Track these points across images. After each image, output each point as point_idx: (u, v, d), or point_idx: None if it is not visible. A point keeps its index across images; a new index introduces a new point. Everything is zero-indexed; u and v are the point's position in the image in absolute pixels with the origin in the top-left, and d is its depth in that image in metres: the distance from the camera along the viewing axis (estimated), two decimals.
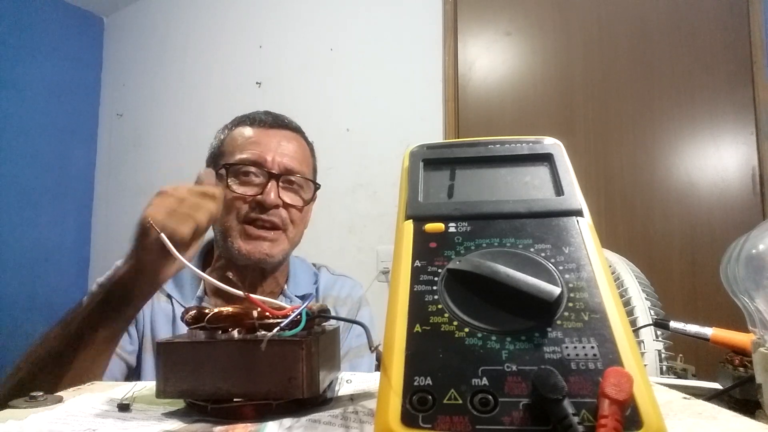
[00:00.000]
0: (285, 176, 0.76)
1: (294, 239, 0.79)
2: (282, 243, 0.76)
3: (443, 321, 0.26)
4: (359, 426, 0.32)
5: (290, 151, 0.78)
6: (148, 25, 2.68)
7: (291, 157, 0.78)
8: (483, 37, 1.80)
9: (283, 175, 0.76)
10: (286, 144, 0.78)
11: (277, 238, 0.75)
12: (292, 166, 0.77)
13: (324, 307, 0.41)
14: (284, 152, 0.77)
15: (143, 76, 2.65)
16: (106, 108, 2.82)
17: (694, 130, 1.50)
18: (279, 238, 0.76)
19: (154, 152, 2.53)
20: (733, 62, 1.48)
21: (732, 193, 1.45)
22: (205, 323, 0.36)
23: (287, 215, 0.76)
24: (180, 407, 0.38)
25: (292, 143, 0.79)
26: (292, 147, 0.79)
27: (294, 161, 0.78)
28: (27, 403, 0.38)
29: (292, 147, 0.79)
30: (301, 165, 0.79)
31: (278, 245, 0.76)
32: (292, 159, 0.78)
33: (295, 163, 0.78)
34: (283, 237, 0.76)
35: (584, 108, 1.64)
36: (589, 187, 1.54)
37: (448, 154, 0.36)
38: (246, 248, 0.74)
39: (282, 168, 0.76)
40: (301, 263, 0.90)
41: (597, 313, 0.25)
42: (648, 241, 1.51)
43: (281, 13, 2.19)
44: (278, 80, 2.16)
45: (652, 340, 0.65)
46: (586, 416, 0.21)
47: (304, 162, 0.80)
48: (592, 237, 0.30)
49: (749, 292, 0.44)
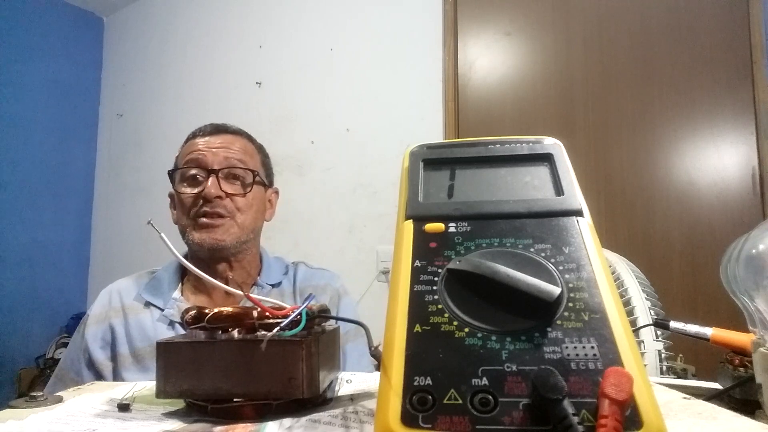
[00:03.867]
0: (224, 170, 0.82)
1: (245, 224, 0.84)
2: (232, 228, 0.82)
3: (443, 321, 0.26)
4: (359, 426, 0.32)
5: (229, 149, 0.84)
6: (148, 25, 2.68)
7: (229, 153, 0.84)
8: (483, 37, 1.80)
9: (222, 169, 0.82)
10: (226, 143, 0.85)
11: (225, 224, 0.81)
12: (230, 161, 0.83)
13: (324, 307, 0.41)
14: (223, 150, 0.84)
15: (143, 76, 2.65)
16: (106, 108, 2.82)
17: (694, 130, 1.50)
18: (227, 224, 0.82)
19: (154, 152, 2.53)
20: (733, 62, 1.48)
21: (732, 193, 1.45)
22: (205, 323, 0.36)
23: (232, 204, 0.82)
24: (180, 407, 0.38)
25: (233, 143, 0.86)
26: (233, 146, 0.85)
27: (233, 155, 0.84)
28: (27, 403, 0.38)
29: (232, 146, 0.85)
30: (241, 158, 0.85)
31: (228, 231, 0.81)
32: (231, 154, 0.84)
33: (233, 157, 0.84)
34: (232, 223, 0.82)
35: (584, 108, 1.64)
36: (589, 187, 1.54)
37: (448, 154, 0.36)
38: (199, 237, 0.80)
39: (220, 163, 0.82)
40: (277, 260, 0.94)
41: (597, 313, 0.25)
42: (648, 241, 1.51)
43: (281, 13, 2.19)
44: (278, 80, 2.16)
45: (652, 340, 0.65)
46: (586, 416, 0.21)
47: (245, 155, 0.86)
48: (592, 237, 0.30)
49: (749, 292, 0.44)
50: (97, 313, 0.83)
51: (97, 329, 0.81)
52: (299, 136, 2.03)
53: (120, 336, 0.80)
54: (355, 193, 1.90)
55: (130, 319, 0.81)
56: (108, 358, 0.79)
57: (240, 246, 0.84)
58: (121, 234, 2.59)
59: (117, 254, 2.60)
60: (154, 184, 2.48)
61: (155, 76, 2.60)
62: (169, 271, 0.87)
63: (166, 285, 0.85)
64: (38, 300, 2.46)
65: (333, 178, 1.95)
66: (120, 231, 2.61)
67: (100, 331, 0.81)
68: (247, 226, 0.84)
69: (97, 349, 0.79)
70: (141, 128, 2.62)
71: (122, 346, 0.79)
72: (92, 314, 0.83)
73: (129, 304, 0.83)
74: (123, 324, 0.80)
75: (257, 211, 0.87)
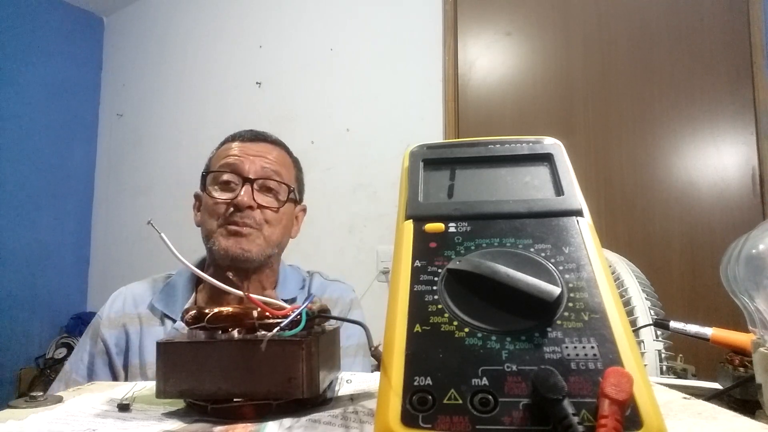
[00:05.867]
0: (259, 180, 0.81)
1: (271, 238, 0.82)
2: (258, 240, 0.80)
3: (443, 321, 0.26)
4: (359, 426, 0.32)
5: (266, 158, 0.83)
6: (148, 25, 2.68)
7: (266, 162, 0.82)
8: (483, 37, 1.80)
9: (257, 180, 0.81)
10: (263, 152, 0.83)
11: (252, 234, 0.80)
12: (267, 171, 0.82)
13: (324, 307, 0.41)
14: (260, 159, 0.82)
15: (143, 76, 2.65)
16: (106, 108, 2.82)
17: (694, 130, 1.50)
18: (254, 235, 0.80)
19: (154, 152, 2.53)
20: (733, 62, 1.48)
21: (732, 193, 1.45)
22: (205, 323, 0.36)
23: (261, 216, 0.80)
24: (180, 407, 0.38)
25: (271, 153, 0.84)
26: (270, 155, 0.84)
27: (269, 166, 0.82)
28: (27, 403, 0.38)
29: (269, 155, 0.84)
30: (278, 171, 0.83)
31: (254, 242, 0.80)
32: (268, 164, 0.82)
33: (270, 168, 0.82)
34: (259, 234, 0.80)
35: (584, 108, 1.64)
36: (589, 187, 1.54)
37: (448, 154, 0.36)
38: (225, 244, 0.78)
39: (256, 173, 0.81)
40: (293, 270, 0.92)
41: (597, 313, 0.25)
42: (648, 241, 1.51)
43: (281, 13, 2.19)
44: (278, 80, 2.16)
45: (652, 340, 0.65)
46: (586, 416, 0.21)
47: (282, 168, 0.84)
48: (592, 237, 0.30)
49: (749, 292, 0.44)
50: (112, 317, 0.81)
51: (114, 333, 0.79)
52: (299, 136, 2.03)
53: (134, 345, 0.78)
54: (355, 193, 1.90)
55: (144, 329, 0.79)
56: (122, 366, 0.78)
57: (264, 260, 0.82)
58: (121, 234, 2.59)
59: (117, 254, 2.60)
60: (154, 184, 2.48)
61: (155, 76, 2.60)
62: (183, 278, 0.85)
63: (180, 293, 0.82)
64: (38, 300, 2.46)
65: (333, 178, 1.95)
66: (120, 231, 2.61)
67: (114, 336, 0.79)
68: (273, 240, 0.82)
69: (114, 355, 0.78)
70: (141, 128, 2.62)
71: (134, 357, 0.78)
72: (105, 317, 0.81)
73: (144, 314, 0.81)
74: (138, 333, 0.79)
75: (285, 226, 0.85)
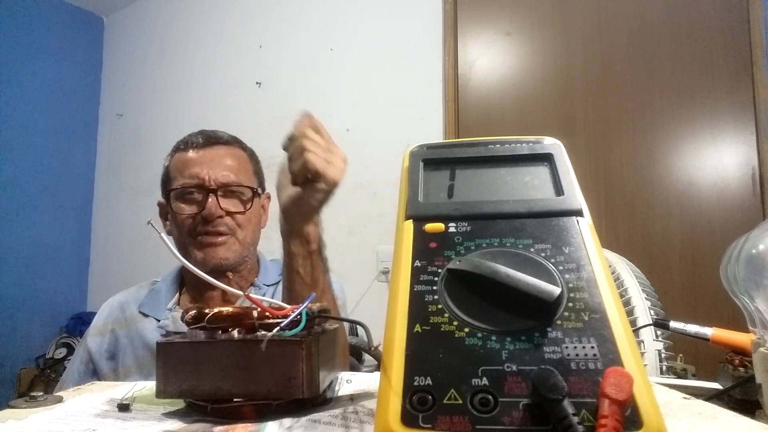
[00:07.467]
0: (222, 188, 0.82)
1: (246, 240, 0.85)
2: (234, 246, 0.83)
3: (443, 321, 0.26)
4: (359, 426, 0.32)
5: (225, 165, 0.84)
6: (148, 25, 2.68)
7: (226, 169, 0.84)
8: (483, 37, 1.80)
9: (220, 188, 0.82)
10: (220, 159, 0.85)
11: (227, 241, 0.82)
12: (228, 179, 0.83)
13: (324, 306, 0.41)
14: (219, 167, 0.83)
15: (143, 76, 2.65)
16: (106, 108, 2.82)
17: (694, 130, 1.50)
18: (229, 242, 0.82)
19: (154, 152, 2.51)
20: (733, 62, 1.48)
21: (732, 193, 1.45)
22: (205, 323, 0.36)
23: (232, 221, 0.83)
24: (180, 407, 0.38)
25: (227, 157, 0.86)
26: (227, 161, 0.85)
27: (229, 172, 0.84)
28: (27, 403, 0.38)
29: (226, 161, 0.85)
30: (238, 174, 0.85)
31: (230, 248, 0.82)
32: (227, 171, 0.84)
33: (230, 174, 0.84)
34: (234, 240, 0.83)
35: (584, 108, 1.64)
36: (589, 187, 1.54)
37: (448, 154, 0.36)
38: (201, 256, 0.80)
39: (218, 182, 0.82)
40: (273, 262, 0.95)
41: (597, 313, 0.25)
42: (648, 241, 1.51)
43: (281, 13, 2.19)
44: (278, 80, 2.16)
45: (652, 340, 0.65)
46: (586, 416, 0.21)
47: (240, 171, 0.86)
48: (592, 237, 0.30)
49: (749, 292, 0.44)
50: (99, 326, 0.84)
51: (101, 341, 0.82)
52: None
53: (124, 346, 0.81)
54: (355, 193, 1.89)
55: (132, 329, 0.82)
56: (112, 370, 0.80)
57: (242, 260, 0.85)
58: (121, 234, 2.59)
59: (117, 254, 2.60)
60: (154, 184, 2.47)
61: (155, 76, 2.59)
62: (167, 282, 0.88)
63: (163, 296, 0.86)
64: (38, 300, 2.45)
65: None
66: (120, 231, 2.61)
67: (104, 343, 0.82)
68: (248, 241, 0.85)
69: (102, 360, 0.81)
70: (141, 128, 2.62)
71: (127, 358, 0.80)
72: (93, 326, 0.85)
73: (130, 315, 0.84)
74: (126, 335, 0.82)
75: (255, 224, 0.88)
